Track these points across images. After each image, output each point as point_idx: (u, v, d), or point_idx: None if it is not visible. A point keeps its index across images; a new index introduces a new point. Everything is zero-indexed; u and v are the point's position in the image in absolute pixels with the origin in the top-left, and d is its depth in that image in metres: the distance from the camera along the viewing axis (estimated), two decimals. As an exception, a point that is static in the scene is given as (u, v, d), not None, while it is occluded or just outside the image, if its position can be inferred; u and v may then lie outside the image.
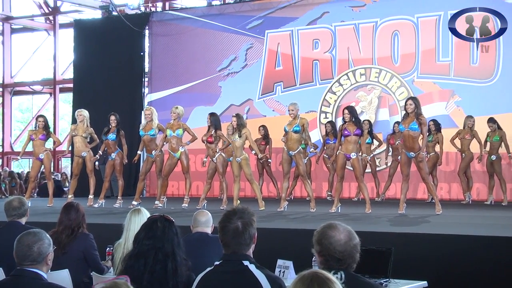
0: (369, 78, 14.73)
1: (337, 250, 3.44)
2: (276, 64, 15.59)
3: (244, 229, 3.76)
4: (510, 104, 13.11)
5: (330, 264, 3.43)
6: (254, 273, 3.66)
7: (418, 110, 9.62)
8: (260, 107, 15.55)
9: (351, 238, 3.50)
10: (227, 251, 3.81)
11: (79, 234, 5.74)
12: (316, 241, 3.51)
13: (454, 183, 13.57)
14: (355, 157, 10.13)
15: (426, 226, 8.58)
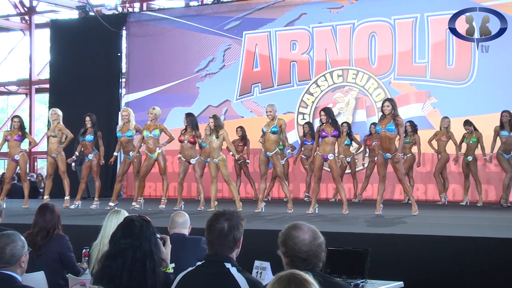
0: (347, 79, 14.78)
1: (302, 250, 3.43)
2: (254, 65, 15.60)
3: (229, 231, 3.77)
4: (485, 105, 13.19)
5: (296, 264, 3.42)
6: (235, 276, 3.66)
7: (395, 111, 9.68)
8: (238, 108, 15.54)
9: (316, 237, 3.49)
10: (210, 251, 3.83)
11: (54, 235, 5.69)
12: (281, 242, 3.51)
13: (430, 184, 13.65)
14: (333, 158, 10.16)
15: (402, 226, 8.62)
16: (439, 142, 12.70)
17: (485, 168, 13.17)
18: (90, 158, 11.91)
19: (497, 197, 12.66)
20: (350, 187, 13.74)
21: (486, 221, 9.49)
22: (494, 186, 13.06)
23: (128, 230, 3.96)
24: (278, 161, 10.70)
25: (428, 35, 14.10)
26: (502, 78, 13.34)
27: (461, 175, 12.88)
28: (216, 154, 10.83)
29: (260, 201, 10.77)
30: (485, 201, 12.52)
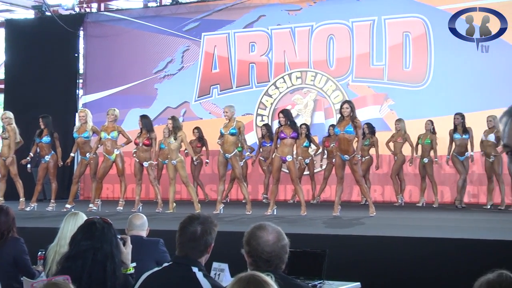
0: (305, 81, 14.85)
1: (265, 251, 3.44)
2: (212, 66, 15.57)
3: (202, 235, 3.76)
4: (440, 107, 13.36)
5: (259, 265, 3.43)
6: (200, 281, 3.64)
7: (353, 113, 9.76)
8: (196, 110, 15.50)
9: (280, 239, 3.50)
10: (179, 253, 3.80)
11: (9, 238, 5.59)
12: (245, 241, 3.52)
13: (387, 186, 13.78)
14: (291, 160, 10.20)
15: (360, 228, 8.69)
16: (395, 144, 12.88)
17: (441, 170, 13.35)
18: (46, 159, 11.77)
19: (452, 198, 12.85)
20: (309, 188, 13.80)
21: (441, 222, 9.63)
22: (449, 187, 13.25)
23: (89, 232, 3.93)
24: (237, 163, 10.71)
25: (385, 38, 14.24)
26: (456, 81, 13.53)
27: (417, 177, 13.05)
28: (175, 156, 10.80)
29: (219, 203, 10.76)
30: (440, 202, 12.70)
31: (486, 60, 13.16)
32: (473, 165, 12.74)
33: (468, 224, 9.19)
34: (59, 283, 3.06)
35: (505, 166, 11.51)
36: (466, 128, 11.89)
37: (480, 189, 13.15)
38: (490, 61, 13.15)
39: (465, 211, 11.37)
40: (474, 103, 13.08)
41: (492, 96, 13.06)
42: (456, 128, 11.90)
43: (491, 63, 13.18)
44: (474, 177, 13.11)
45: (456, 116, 11.95)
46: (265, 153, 13.19)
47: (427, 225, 9.00)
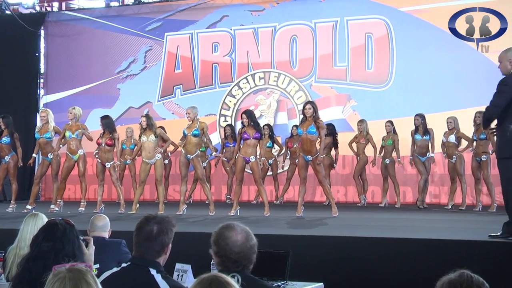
0: (268, 82, 14.88)
1: (233, 251, 3.43)
2: (175, 66, 15.51)
3: (158, 235, 3.72)
4: (403, 108, 13.50)
5: (227, 265, 3.42)
6: (158, 282, 3.60)
7: (316, 114, 9.80)
8: (159, 110, 15.42)
9: (248, 239, 3.50)
10: (136, 254, 3.77)
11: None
12: (214, 241, 3.50)
13: (350, 186, 13.88)
14: (254, 161, 10.20)
15: (323, 228, 8.72)
16: (358, 145, 12.96)
17: (403, 170, 13.48)
18: (6, 160, 11.62)
19: (414, 198, 12.98)
20: (272, 189, 13.82)
21: (404, 222, 9.71)
22: (411, 188, 13.38)
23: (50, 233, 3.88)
24: (199, 164, 10.68)
25: (348, 39, 14.33)
26: (418, 82, 13.68)
27: (379, 177, 13.15)
28: (153, 154, 10.74)
29: (182, 204, 10.71)
30: (403, 202, 12.82)
31: (447, 60, 13.35)
32: (434, 166, 12.91)
33: (430, 224, 9.28)
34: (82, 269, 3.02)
35: (468, 166, 11.67)
36: (427, 129, 12.02)
37: (441, 190, 13.32)
38: (452, 62, 13.34)
39: (427, 211, 11.49)
40: (435, 104, 13.23)
41: (453, 97, 13.24)
42: (417, 129, 12.02)
43: (453, 64, 13.35)
44: (435, 178, 13.28)
45: (416, 117, 12.07)
46: (228, 154, 13.17)
47: (390, 226, 9.07)
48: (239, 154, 10.29)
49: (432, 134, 12.01)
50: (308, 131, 9.74)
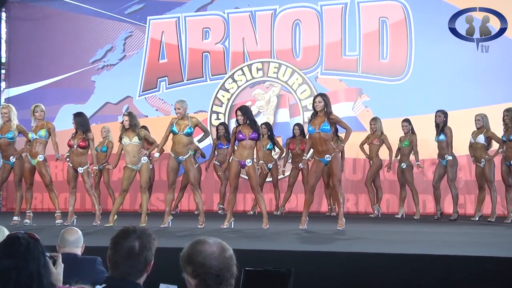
0: (267, 73, 14.90)
1: (213, 264, 3.41)
2: (160, 56, 15.51)
3: (141, 251, 3.67)
4: (422, 105, 13.52)
5: (208, 283, 3.40)
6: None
7: (328, 108, 9.78)
8: (141, 106, 15.42)
9: (224, 249, 3.49)
10: (114, 273, 3.70)
11: None
12: (186, 261, 3.46)
13: (361, 194, 13.89)
14: (251, 165, 10.17)
15: (330, 243, 8.72)
16: (371, 147, 12.96)
17: (423, 176, 13.49)
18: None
19: (435, 208, 12.96)
20: (271, 197, 13.85)
21: (424, 236, 9.71)
22: (433, 196, 13.35)
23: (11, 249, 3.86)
24: (192, 166, 10.66)
25: (359, 24, 14.35)
26: (440, 74, 13.72)
27: (395, 184, 13.16)
28: (138, 159, 10.73)
29: (167, 215, 10.69)
30: (422, 213, 12.83)
31: (474, 50, 13.37)
32: (460, 171, 12.91)
33: (454, 238, 9.28)
34: None
35: (498, 172, 11.66)
36: (443, 128, 11.99)
37: (467, 198, 13.33)
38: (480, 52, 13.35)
39: (451, 223, 11.50)
40: (460, 99, 13.28)
41: (481, 92, 13.26)
42: (439, 126, 12.03)
43: (480, 54, 13.37)
44: (460, 184, 13.27)
45: (438, 113, 12.07)
46: (221, 157, 13.18)
47: (407, 240, 9.07)
48: (234, 157, 10.28)
49: (449, 134, 11.93)
50: (321, 128, 9.70)
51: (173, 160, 10.54)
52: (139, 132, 10.82)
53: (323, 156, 9.80)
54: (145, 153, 10.79)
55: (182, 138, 10.48)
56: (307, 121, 13.42)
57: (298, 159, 12.73)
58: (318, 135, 9.77)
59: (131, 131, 10.78)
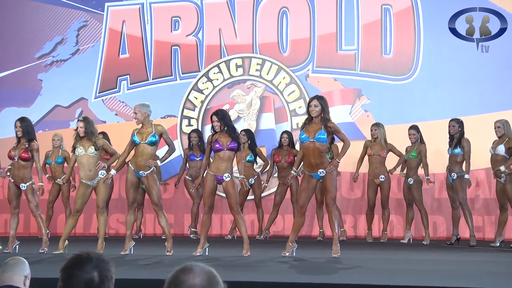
0: (248, 71, 14.93)
1: None
2: (120, 50, 15.49)
3: (102, 283, 3.64)
4: (433, 108, 13.60)
5: None
6: None
7: (325, 114, 9.71)
8: (97, 110, 15.38)
9: (211, 283, 3.47)
10: None
11: None
12: None
13: (360, 215, 13.90)
14: (230, 180, 10.15)
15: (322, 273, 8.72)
16: (376, 159, 12.89)
17: (433, 194, 13.52)
18: None
19: (448, 232, 13.01)
20: (253, 219, 13.86)
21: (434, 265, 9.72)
22: (445, 217, 13.40)
23: None
24: (155, 183, 10.59)
25: (358, 13, 14.41)
26: (454, 72, 13.84)
27: (401, 203, 13.21)
28: (95, 173, 10.67)
29: (128, 240, 10.65)
30: (433, 237, 12.85)
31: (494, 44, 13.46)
32: (477, 187, 12.94)
33: (471, 268, 9.30)
34: None
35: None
36: (460, 139, 12.05)
37: (486, 220, 13.36)
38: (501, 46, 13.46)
39: (466, 250, 11.53)
40: (477, 102, 13.37)
41: (502, 94, 13.35)
42: (453, 138, 12.06)
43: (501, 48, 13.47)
44: (477, 204, 13.29)
45: (452, 123, 12.13)
46: (194, 171, 13.16)
47: (415, 270, 9.07)
48: (209, 171, 10.26)
49: (467, 147, 11.96)
50: (316, 137, 9.65)
51: (132, 174, 10.48)
52: (96, 141, 10.74)
53: (315, 171, 9.75)
54: (103, 166, 10.72)
55: (145, 148, 10.42)
56: (296, 128, 13.54)
57: (285, 173, 12.72)
58: (313, 145, 9.69)
59: (86, 140, 10.72)
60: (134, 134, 10.53)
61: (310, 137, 9.69)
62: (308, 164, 9.81)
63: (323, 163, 9.73)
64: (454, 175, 12.01)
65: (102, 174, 10.75)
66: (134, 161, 10.51)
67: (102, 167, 10.73)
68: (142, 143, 10.45)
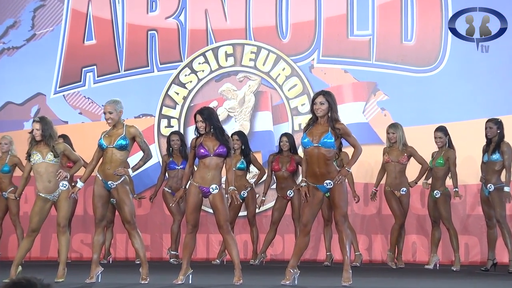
0: (241, 61, 14.94)
1: None
2: (85, 35, 15.47)
3: None
4: (464, 106, 13.66)
5: None
6: None
7: (334, 113, 9.64)
8: (57, 108, 15.39)
9: None
10: None
11: None
12: None
13: (376, 235, 13.94)
14: (217, 192, 10.10)
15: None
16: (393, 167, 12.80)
17: (465, 209, 13.48)
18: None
19: (483, 256, 12.97)
20: (247, 239, 13.85)
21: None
22: (479, 238, 13.37)
23: None
24: (128, 197, 10.52)
25: (373, -10, 14.43)
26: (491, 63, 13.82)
27: (425, 220, 13.17)
28: (55, 184, 10.61)
29: (95, 265, 10.57)
30: (464, 262, 12.80)
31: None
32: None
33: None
34: None
35: None
36: (499, 144, 12.03)
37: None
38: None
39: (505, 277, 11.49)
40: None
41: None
42: (491, 142, 12.04)
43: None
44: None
45: (489, 124, 12.08)
46: (174, 181, 13.11)
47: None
48: (192, 182, 10.21)
49: (509, 154, 11.94)
50: (322, 141, 9.56)
51: (100, 186, 10.40)
52: (55, 145, 10.68)
53: (321, 182, 9.67)
54: (65, 176, 10.66)
55: (114, 154, 10.30)
56: (298, 130, 13.53)
57: (286, 184, 12.71)
58: (317, 150, 9.56)
59: (44, 145, 10.65)
60: (101, 137, 10.46)
61: (315, 141, 9.57)
62: (312, 174, 9.68)
63: (330, 173, 9.58)
64: (491, 186, 11.98)
65: (64, 185, 10.66)
66: (102, 169, 10.40)
67: (64, 177, 10.64)
68: (110, 147, 10.33)
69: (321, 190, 9.66)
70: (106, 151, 10.34)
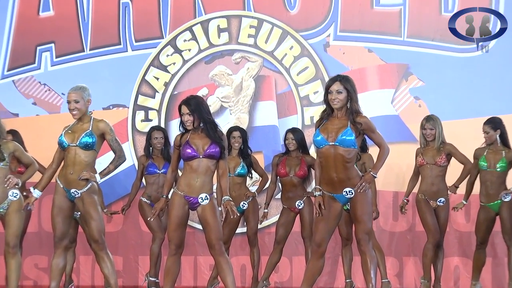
0: (237, 38, 14.89)
1: None
2: (40, 5, 15.43)
3: None
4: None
5: None
6: None
7: (354, 104, 9.53)
8: (5, 96, 15.43)
9: None
10: None
11: None
12: None
13: (408, 257, 13.86)
14: (208, 203, 10.01)
15: None
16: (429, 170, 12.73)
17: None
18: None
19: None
20: (246, 262, 13.78)
21: None
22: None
23: None
24: (95, 209, 10.45)
25: (403, -51, 14.37)
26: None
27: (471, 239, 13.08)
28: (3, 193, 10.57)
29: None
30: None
31: None
32: None
33: None
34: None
35: None
36: None
37: None
38: None
39: None
40: None
41: None
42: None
43: None
44: None
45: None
46: (154, 189, 13.02)
47: None
48: (176, 190, 10.11)
49: None
50: (339, 139, 9.42)
51: (61, 195, 10.32)
52: (3, 145, 10.64)
53: (339, 191, 9.55)
54: (16, 183, 10.59)
55: (78, 154, 10.23)
56: (309, 124, 13.49)
57: (294, 194, 12.65)
58: (334, 150, 9.45)
59: (-5, 148, 10.64)
60: (62, 133, 10.36)
61: (330, 139, 9.47)
62: (327, 180, 9.53)
63: (351, 179, 9.45)
64: None
65: (14, 195, 10.60)
66: (63, 174, 10.31)
67: (14, 184, 10.57)
68: (73, 146, 10.23)
69: (339, 201, 9.55)
70: (68, 151, 10.24)
